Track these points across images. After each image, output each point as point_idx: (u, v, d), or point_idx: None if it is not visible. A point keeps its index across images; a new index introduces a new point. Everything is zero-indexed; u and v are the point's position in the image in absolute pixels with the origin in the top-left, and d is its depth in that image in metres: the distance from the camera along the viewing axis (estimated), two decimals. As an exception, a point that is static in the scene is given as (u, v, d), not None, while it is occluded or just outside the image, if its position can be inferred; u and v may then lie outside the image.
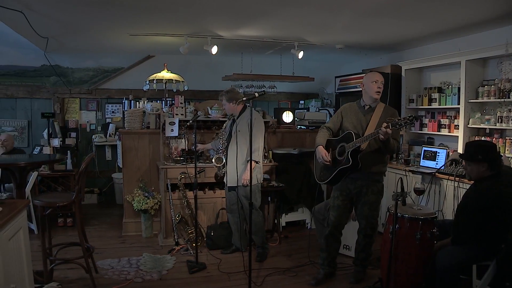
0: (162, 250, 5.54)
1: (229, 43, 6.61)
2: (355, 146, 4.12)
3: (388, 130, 3.84)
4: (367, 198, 4.38)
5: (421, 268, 3.93)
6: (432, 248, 3.95)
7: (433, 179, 5.42)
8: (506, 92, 5.15)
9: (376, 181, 4.41)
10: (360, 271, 4.67)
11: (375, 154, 4.27)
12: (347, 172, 4.28)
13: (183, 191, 5.61)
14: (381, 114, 4.29)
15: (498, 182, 3.69)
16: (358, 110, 4.45)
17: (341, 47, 6.97)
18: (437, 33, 5.94)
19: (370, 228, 4.50)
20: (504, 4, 4.56)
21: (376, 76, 4.37)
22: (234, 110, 5.25)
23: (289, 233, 6.30)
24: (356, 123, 4.38)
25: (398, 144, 4.30)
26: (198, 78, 8.29)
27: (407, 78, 6.83)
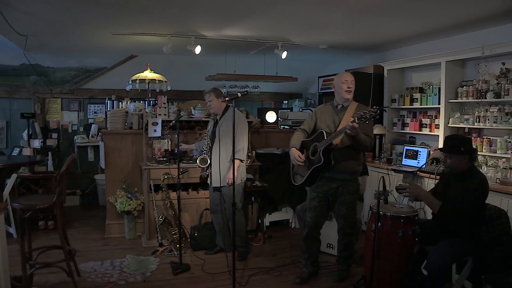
0: (145, 251, 5.51)
1: (213, 43, 6.61)
2: (326, 144, 4.17)
3: (354, 124, 3.87)
4: (343, 198, 4.42)
5: (404, 265, 3.98)
6: (414, 246, 4.01)
7: (415, 177, 5.49)
8: (483, 93, 5.26)
9: (351, 180, 4.44)
10: (344, 270, 4.71)
11: (348, 151, 4.31)
12: (321, 171, 4.31)
13: (166, 192, 5.60)
14: (353, 112, 4.32)
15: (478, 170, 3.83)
16: (331, 110, 4.50)
17: (324, 48, 7.02)
18: (418, 34, 6.03)
19: (349, 227, 4.54)
20: (480, 9, 4.68)
21: (345, 76, 4.46)
22: (220, 108, 5.26)
23: (273, 232, 6.32)
24: (330, 123, 4.42)
25: (371, 140, 4.31)
26: (182, 78, 8.27)
27: (390, 78, 6.92)
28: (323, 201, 4.52)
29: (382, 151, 6.74)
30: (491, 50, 5.06)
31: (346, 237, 4.59)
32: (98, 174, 8.14)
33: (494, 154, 5.20)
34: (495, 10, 4.69)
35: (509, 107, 5.09)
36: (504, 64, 5.19)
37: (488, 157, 5.27)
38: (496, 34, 5.32)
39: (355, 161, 4.41)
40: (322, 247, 5.30)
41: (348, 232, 4.56)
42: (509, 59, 5.15)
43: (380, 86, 6.97)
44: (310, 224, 4.59)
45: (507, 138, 5.09)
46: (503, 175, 4.83)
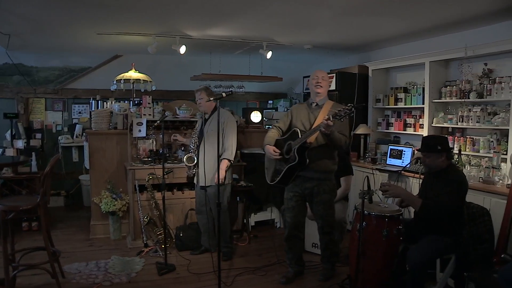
0: (131, 252, 5.48)
1: (198, 43, 6.59)
2: (300, 142, 4.17)
3: (329, 122, 3.86)
4: (320, 198, 4.41)
5: (389, 264, 4.00)
6: (398, 245, 4.03)
7: (399, 177, 5.53)
8: (466, 93, 5.33)
9: (327, 179, 4.43)
10: (329, 269, 4.71)
11: (323, 150, 4.31)
12: (296, 170, 4.31)
13: (151, 192, 5.57)
14: (329, 110, 4.30)
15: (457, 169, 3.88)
16: (307, 109, 4.51)
17: (309, 48, 7.03)
18: (402, 35, 6.08)
19: (328, 226, 4.53)
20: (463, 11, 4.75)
21: (316, 72, 4.48)
22: (209, 107, 5.24)
23: (258, 232, 6.32)
24: (305, 121, 4.42)
25: (346, 139, 4.30)
26: (167, 78, 8.23)
27: (374, 78, 6.97)
28: (300, 200, 4.52)
29: (366, 151, 6.78)
30: (474, 51, 5.12)
31: (326, 236, 4.58)
32: (82, 174, 8.07)
33: (477, 153, 5.27)
34: (477, 11, 4.75)
35: (491, 107, 5.16)
36: (486, 65, 5.25)
37: (471, 156, 5.33)
38: (478, 35, 5.39)
39: (330, 160, 4.41)
40: (307, 246, 5.32)
41: (327, 231, 4.55)
42: (491, 59, 5.22)
43: (364, 86, 7.01)
44: (290, 224, 4.59)
45: (489, 138, 5.15)
46: (485, 174, 4.88)
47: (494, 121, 5.01)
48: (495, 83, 5.04)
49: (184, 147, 6.25)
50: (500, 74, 5.12)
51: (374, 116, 7.00)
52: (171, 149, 6.25)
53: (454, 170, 3.93)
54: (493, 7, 4.57)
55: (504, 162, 4.84)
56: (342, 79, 6.88)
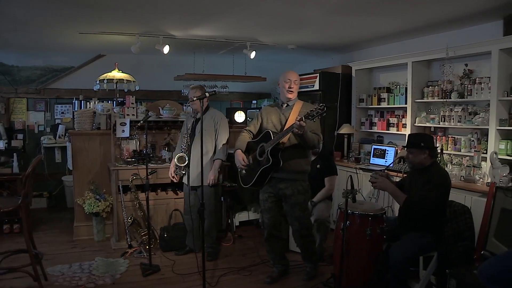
0: (115, 253, 5.43)
1: (182, 42, 6.57)
2: (273, 144, 4.15)
3: (302, 122, 3.84)
4: (294, 199, 4.35)
5: (372, 262, 4.02)
6: (382, 243, 4.07)
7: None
8: (448, 93, 5.39)
9: (300, 180, 4.38)
10: (312, 268, 4.72)
11: (296, 150, 4.28)
12: (270, 171, 4.28)
13: (135, 193, 5.53)
14: (299, 110, 4.29)
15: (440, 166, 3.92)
16: (277, 110, 4.47)
17: (293, 48, 7.05)
18: (385, 35, 6.14)
19: (305, 229, 4.48)
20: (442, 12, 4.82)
21: (288, 75, 4.39)
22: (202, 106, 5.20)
23: (243, 232, 6.32)
24: (276, 122, 4.40)
25: (319, 138, 4.28)
26: (150, 78, 8.18)
27: (357, 78, 7.01)
28: (275, 201, 4.47)
29: (350, 150, 6.81)
30: (455, 51, 5.18)
31: (303, 239, 4.54)
32: (65, 175, 7.98)
33: (458, 152, 5.34)
34: (458, 13, 4.82)
35: (472, 107, 5.23)
36: (466, 66, 5.32)
37: (453, 155, 5.40)
38: (459, 36, 5.48)
39: (304, 160, 4.38)
40: (292, 245, 5.32)
41: (304, 234, 4.50)
42: (471, 60, 5.29)
43: (348, 86, 7.05)
44: (268, 224, 4.56)
45: (470, 137, 5.22)
46: (467, 173, 4.94)
47: (474, 121, 5.08)
48: (475, 84, 5.11)
49: (167, 147, 6.22)
50: (480, 74, 5.20)
51: (358, 116, 7.04)
52: (155, 149, 6.22)
53: (437, 168, 3.96)
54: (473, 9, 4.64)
55: (484, 161, 4.91)
56: (326, 79, 6.90)
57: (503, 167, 4.49)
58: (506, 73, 4.75)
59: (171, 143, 6.30)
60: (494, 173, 4.46)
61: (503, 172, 4.48)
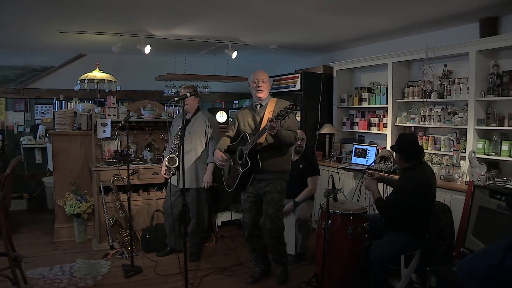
0: (96, 255, 5.39)
1: (163, 42, 6.54)
2: (250, 147, 4.12)
3: (272, 124, 3.80)
4: (270, 196, 4.29)
5: (354, 261, 4.06)
6: (364, 242, 4.10)
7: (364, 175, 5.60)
8: (427, 93, 5.47)
9: (279, 179, 4.33)
10: (282, 270, 4.61)
11: (274, 150, 4.24)
12: (251, 174, 4.25)
13: (117, 194, 5.50)
14: (273, 109, 4.25)
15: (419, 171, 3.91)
16: (251, 111, 4.44)
17: (274, 48, 7.08)
18: (366, 36, 6.19)
19: (276, 229, 4.37)
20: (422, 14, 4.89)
21: (256, 75, 4.37)
22: (193, 107, 5.16)
23: (225, 232, 6.31)
24: (252, 124, 4.37)
25: (295, 134, 4.24)
26: (131, 78, 8.13)
27: (339, 78, 7.05)
28: (255, 201, 4.43)
29: (332, 150, 6.86)
30: (434, 52, 5.26)
31: (273, 240, 4.42)
32: (46, 176, 7.89)
33: (438, 152, 5.41)
34: (437, 15, 4.90)
35: (451, 107, 5.30)
36: (446, 66, 5.40)
37: (433, 154, 5.46)
38: (438, 37, 5.57)
39: (283, 159, 4.33)
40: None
41: (275, 235, 4.39)
42: (450, 61, 5.37)
43: (329, 86, 7.09)
44: (248, 224, 4.52)
45: (449, 137, 5.30)
46: (446, 171, 5.02)
47: (453, 121, 5.15)
48: (454, 84, 5.19)
49: (149, 147, 6.19)
50: (459, 75, 5.28)
51: (339, 116, 7.09)
52: (136, 150, 6.19)
53: (412, 173, 3.94)
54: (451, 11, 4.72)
55: (463, 160, 4.99)
56: (307, 79, 6.93)
57: (481, 165, 4.57)
58: (483, 74, 4.83)
59: (152, 143, 6.28)
60: (473, 171, 4.54)
61: (481, 170, 4.56)
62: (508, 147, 4.63)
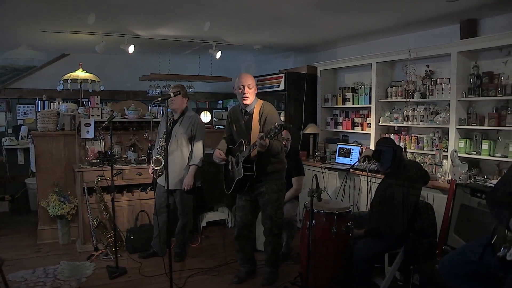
0: (80, 256, 5.35)
1: (147, 42, 6.52)
2: (244, 157, 4.14)
3: (262, 142, 3.81)
4: (268, 197, 4.32)
5: (339, 260, 4.09)
6: (348, 241, 4.14)
7: (348, 175, 5.66)
8: (410, 93, 5.53)
9: (276, 179, 4.36)
10: (274, 272, 4.59)
11: (268, 154, 4.19)
12: (247, 181, 4.24)
13: (100, 195, 5.47)
14: (258, 114, 4.29)
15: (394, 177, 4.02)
16: (238, 115, 4.45)
17: (259, 48, 7.10)
18: (350, 36, 6.24)
19: (277, 228, 4.42)
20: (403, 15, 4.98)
21: (242, 80, 4.30)
22: (181, 107, 5.13)
23: (210, 233, 6.32)
24: (240, 129, 4.40)
25: (280, 144, 4.28)
26: (115, 78, 8.10)
27: (323, 78, 7.10)
28: (250, 200, 4.46)
29: (316, 150, 6.90)
30: (417, 53, 5.33)
31: (275, 239, 4.46)
32: (29, 177, 7.80)
33: (421, 151, 5.48)
34: (419, 16, 4.97)
35: (433, 107, 5.38)
36: (428, 67, 5.47)
37: (416, 154, 5.54)
38: (421, 38, 5.65)
39: (276, 160, 4.33)
40: (259, 245, 5.35)
41: (276, 233, 4.43)
42: (433, 62, 5.44)
43: (313, 86, 7.13)
44: (239, 223, 4.54)
45: (432, 136, 5.37)
46: (429, 170, 5.06)
47: (436, 120, 5.23)
48: (436, 84, 5.27)
49: (133, 148, 6.17)
50: (441, 75, 5.35)
51: (323, 116, 7.13)
52: (120, 150, 6.16)
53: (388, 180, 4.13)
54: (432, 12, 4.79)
55: (445, 159, 5.06)
56: (291, 79, 6.97)
57: (462, 164, 4.62)
58: (464, 74, 4.91)
59: (136, 143, 6.25)
60: (454, 170, 4.60)
61: (463, 169, 4.62)
62: (488, 146, 4.72)
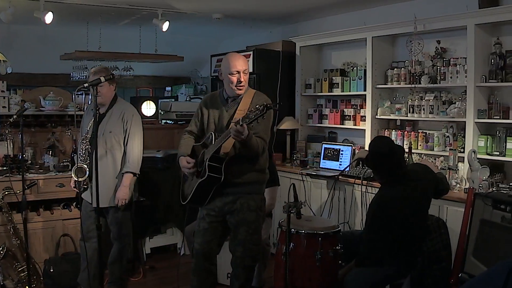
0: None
1: (70, 8, 6.45)
2: (211, 152, 4.02)
3: (239, 127, 3.66)
4: (242, 216, 4.18)
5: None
6: (337, 270, 4.19)
7: (337, 183, 5.72)
8: (416, 77, 5.59)
9: (254, 193, 4.26)
10: None
11: (245, 158, 4.15)
12: (212, 186, 4.13)
13: (8, 214, 5.42)
14: (249, 106, 4.11)
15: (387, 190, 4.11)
16: (220, 104, 4.37)
17: (219, 18, 7.11)
18: (339, 2, 6.26)
19: (250, 258, 4.28)
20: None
21: (236, 64, 4.19)
22: (108, 98, 5.03)
23: (156, 262, 6.32)
24: (218, 121, 4.32)
25: (264, 143, 4.16)
26: (28, 57, 7.98)
27: (303, 57, 7.15)
28: (216, 221, 4.31)
29: (294, 151, 6.92)
30: (425, 25, 5.39)
31: (245, 272, 4.34)
32: None
33: (431, 151, 5.57)
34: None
35: (446, 95, 5.48)
36: (439, 43, 5.57)
37: (424, 155, 5.62)
38: (430, 6, 5.70)
39: (256, 167, 4.25)
40: (222, 278, 5.36)
41: (248, 264, 4.31)
42: (445, 37, 5.55)
43: (291, 67, 7.20)
44: (198, 252, 4.37)
45: (445, 132, 5.46)
46: (441, 177, 5.20)
47: (449, 112, 5.32)
48: (450, 66, 5.35)
49: (52, 150, 6.11)
50: (455, 54, 5.46)
51: (304, 107, 7.19)
52: (34, 154, 6.10)
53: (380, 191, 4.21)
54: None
55: (461, 162, 5.14)
56: (262, 58, 7.02)
57: (482, 169, 4.66)
58: (484, 53, 5.03)
59: (56, 144, 6.20)
60: (473, 176, 4.61)
61: (483, 175, 4.68)
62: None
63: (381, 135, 5.90)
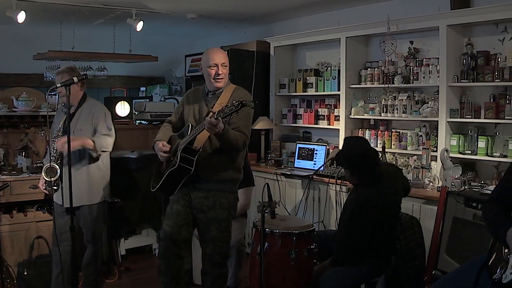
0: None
1: (43, 7, 6.39)
2: (185, 143, 4.02)
3: (212, 120, 3.64)
4: (213, 213, 4.18)
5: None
6: (312, 269, 4.22)
7: (311, 182, 5.74)
8: (390, 77, 5.66)
9: (226, 191, 4.25)
10: None
11: (222, 155, 4.18)
12: (182, 177, 4.11)
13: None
14: (228, 100, 4.13)
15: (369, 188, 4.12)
16: (201, 98, 4.41)
17: (193, 18, 7.10)
18: (313, 2, 6.30)
19: (220, 255, 4.28)
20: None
21: (214, 57, 4.28)
22: (76, 98, 4.98)
23: (131, 263, 6.29)
24: (197, 115, 4.31)
25: (245, 138, 4.12)
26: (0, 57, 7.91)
27: (278, 57, 7.18)
28: (190, 207, 4.30)
29: (268, 151, 6.95)
30: (398, 25, 5.45)
31: (216, 269, 4.30)
32: None
33: (404, 151, 5.62)
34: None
35: (419, 94, 5.55)
36: (412, 43, 5.64)
37: (397, 154, 5.67)
38: (403, 7, 5.77)
39: (231, 164, 4.26)
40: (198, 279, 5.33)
41: (218, 261, 4.28)
42: (418, 37, 5.62)
43: (265, 67, 7.22)
44: (167, 235, 4.26)
45: (418, 132, 5.52)
46: (414, 175, 5.23)
47: (422, 111, 5.39)
48: (423, 66, 5.43)
49: (25, 151, 6.05)
50: (428, 55, 5.53)
51: (278, 106, 7.21)
52: (7, 155, 6.03)
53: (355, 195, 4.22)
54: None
55: (434, 160, 5.21)
56: (236, 58, 7.00)
57: (455, 167, 4.71)
58: (456, 53, 5.10)
59: (29, 145, 6.14)
60: (446, 175, 4.68)
61: (456, 173, 4.73)
62: (485, 143, 4.90)
63: (356, 135, 5.93)
